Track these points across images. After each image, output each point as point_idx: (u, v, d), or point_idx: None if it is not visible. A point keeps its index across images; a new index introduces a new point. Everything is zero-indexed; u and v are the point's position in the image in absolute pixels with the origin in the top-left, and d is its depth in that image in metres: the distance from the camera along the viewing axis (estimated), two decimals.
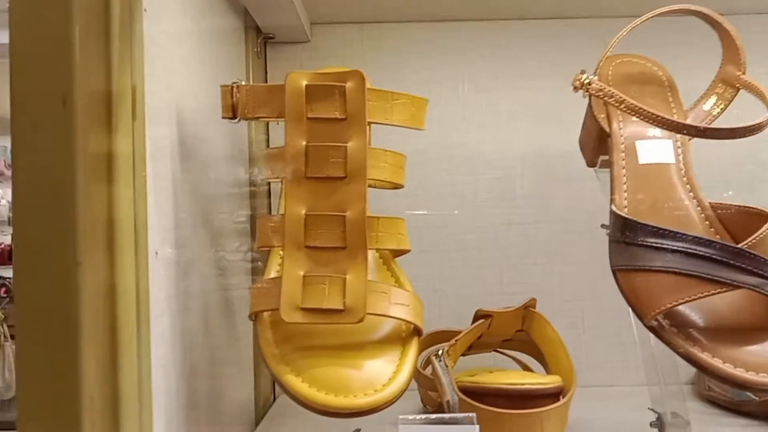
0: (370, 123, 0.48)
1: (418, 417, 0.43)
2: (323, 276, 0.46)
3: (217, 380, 0.59)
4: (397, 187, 0.53)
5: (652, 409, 0.55)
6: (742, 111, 0.57)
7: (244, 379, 0.70)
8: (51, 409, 0.32)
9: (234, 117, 0.49)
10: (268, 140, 0.78)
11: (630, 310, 0.55)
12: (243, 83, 0.49)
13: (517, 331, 0.62)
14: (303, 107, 0.47)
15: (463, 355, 0.62)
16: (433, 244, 0.80)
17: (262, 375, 0.75)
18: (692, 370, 0.75)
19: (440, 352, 0.52)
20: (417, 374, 0.55)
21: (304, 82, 0.47)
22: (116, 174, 0.39)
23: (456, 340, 0.57)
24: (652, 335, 0.55)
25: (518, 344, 0.65)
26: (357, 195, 0.47)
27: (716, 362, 0.47)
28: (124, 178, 0.40)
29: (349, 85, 0.46)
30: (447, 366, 0.51)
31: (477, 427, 0.42)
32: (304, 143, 0.47)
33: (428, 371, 0.59)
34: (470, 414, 0.43)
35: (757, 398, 0.66)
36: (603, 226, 0.56)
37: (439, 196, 0.80)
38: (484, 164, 0.81)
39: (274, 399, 0.78)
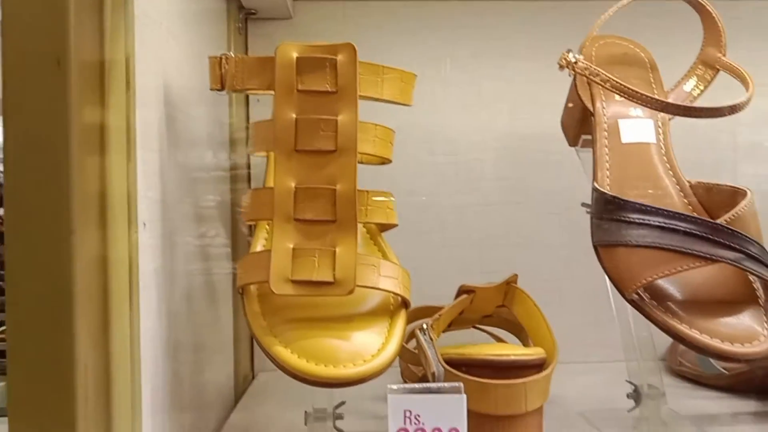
0: (360, 97, 0.48)
1: (405, 386, 0.43)
2: (313, 248, 0.46)
3: (199, 356, 0.59)
4: (384, 161, 0.53)
5: (630, 382, 0.57)
6: (717, 95, 0.59)
7: (224, 358, 0.70)
8: (44, 373, 0.32)
9: (222, 88, 0.49)
10: (248, 118, 0.77)
11: (609, 287, 0.56)
12: (232, 55, 0.48)
13: (498, 307, 0.63)
14: (293, 79, 0.46)
15: (443, 331, 0.63)
16: (413, 224, 0.80)
17: (242, 354, 0.75)
18: (664, 346, 0.78)
19: (425, 326, 0.53)
20: (401, 349, 0.55)
21: (295, 54, 0.47)
22: (109, 144, 0.39)
23: (440, 315, 0.57)
24: (630, 312, 0.57)
25: (498, 321, 0.66)
26: (347, 168, 0.47)
27: (694, 333, 0.48)
28: (117, 148, 0.40)
29: (340, 57, 0.46)
30: (432, 339, 0.52)
31: (464, 396, 0.43)
32: (294, 116, 0.47)
33: (412, 345, 0.60)
34: (457, 383, 0.44)
35: (726, 372, 0.68)
36: (584, 204, 0.57)
37: (420, 175, 0.81)
38: (465, 144, 0.81)
39: (253, 378, 0.79)
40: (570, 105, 0.63)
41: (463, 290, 0.61)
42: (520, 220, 0.81)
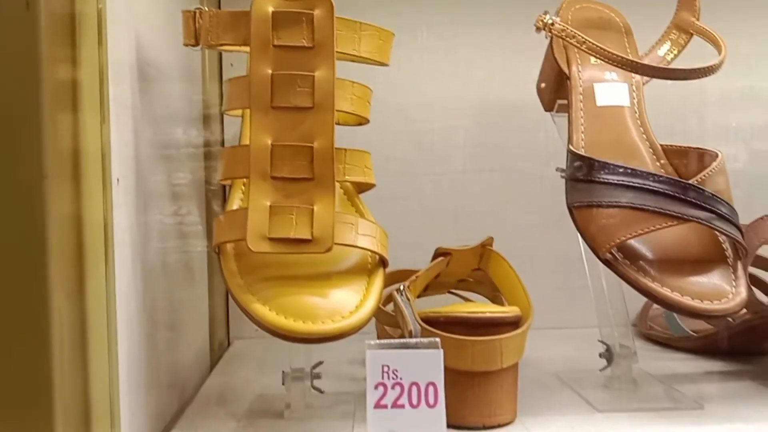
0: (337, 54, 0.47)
1: (383, 342, 0.43)
2: (290, 206, 0.46)
3: (174, 319, 0.58)
4: (362, 121, 0.53)
5: (602, 342, 0.58)
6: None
7: (199, 323, 0.69)
8: (18, 320, 0.32)
9: (196, 44, 0.48)
10: (221, 74, 0.76)
11: (582, 251, 0.57)
12: (206, 9, 0.47)
13: (474, 270, 0.63)
14: (269, 34, 0.46)
15: (418, 297, 0.64)
16: (389, 191, 0.80)
17: (217, 320, 0.75)
18: (634, 312, 0.79)
19: (401, 287, 0.53)
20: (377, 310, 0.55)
21: (271, 9, 0.46)
22: (81, 99, 0.38)
23: (416, 276, 0.58)
24: (603, 274, 0.58)
25: (473, 285, 0.66)
26: (325, 125, 0.46)
27: (665, 291, 0.49)
28: (89, 103, 0.39)
29: (317, 12, 0.46)
30: (409, 299, 0.52)
31: (441, 351, 0.43)
32: (269, 72, 0.46)
33: (389, 308, 0.60)
34: (434, 339, 0.44)
35: (694, 334, 0.70)
36: (558, 169, 0.58)
37: (397, 142, 0.81)
38: (442, 112, 0.81)
39: (229, 345, 0.78)
40: (546, 69, 0.63)
41: (439, 253, 0.62)
42: (495, 187, 0.82)
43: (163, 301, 0.54)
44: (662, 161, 0.57)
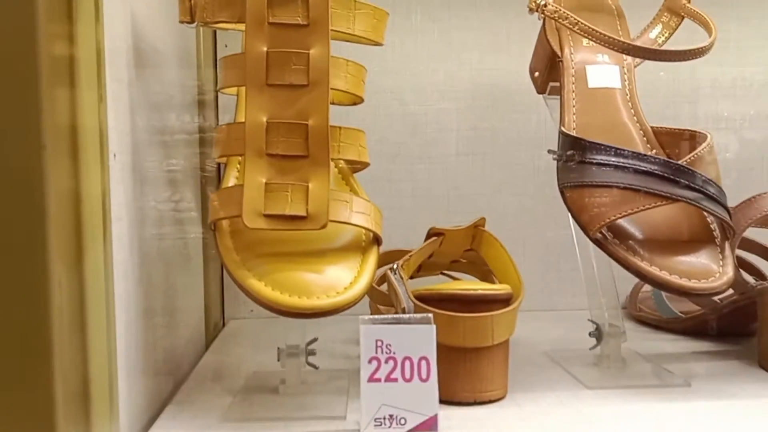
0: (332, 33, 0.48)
1: (377, 317, 0.44)
2: (285, 183, 0.46)
3: (170, 297, 0.59)
4: (356, 101, 0.53)
5: (592, 321, 0.59)
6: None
7: (194, 303, 0.70)
8: (17, 291, 0.32)
9: (192, 21, 0.48)
10: (215, 56, 0.76)
11: (573, 231, 0.58)
12: None
13: (466, 251, 0.64)
14: (264, 11, 0.46)
15: (411, 277, 0.64)
16: (382, 173, 0.81)
17: (212, 301, 0.75)
18: (623, 295, 0.80)
19: (395, 266, 0.54)
20: (370, 289, 0.56)
21: None
22: (79, 76, 0.38)
23: (410, 256, 0.58)
24: (593, 254, 0.59)
25: (465, 266, 0.67)
26: (319, 103, 0.47)
27: (654, 270, 0.50)
28: (87, 81, 0.39)
29: None
30: (402, 277, 0.53)
31: (434, 326, 0.44)
32: (265, 49, 0.46)
33: (383, 288, 0.60)
34: (427, 314, 0.45)
35: (682, 315, 0.71)
36: (550, 151, 0.58)
37: (390, 125, 0.81)
38: (435, 94, 0.82)
39: (224, 325, 0.79)
40: (539, 51, 0.63)
41: (432, 233, 0.62)
42: (487, 170, 0.82)
43: (159, 280, 0.55)
44: (652, 143, 0.57)
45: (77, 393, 0.37)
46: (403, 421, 0.42)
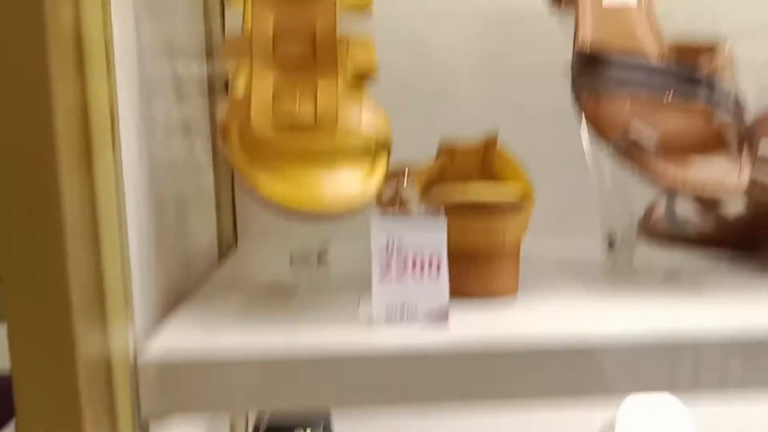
0: None
1: (388, 216, 0.44)
2: (294, 90, 0.46)
3: (182, 216, 0.59)
4: (365, 11, 0.52)
5: (604, 232, 0.59)
6: None
7: (206, 220, 0.70)
8: (29, 204, 0.33)
9: None
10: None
11: (587, 151, 0.57)
12: None
13: (479, 168, 0.64)
14: None
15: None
16: (392, 100, 0.79)
17: (224, 222, 0.76)
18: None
19: (405, 171, 0.54)
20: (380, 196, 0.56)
21: None
22: None
23: (421, 168, 0.58)
24: (609, 174, 0.58)
25: None
26: (327, 9, 0.46)
27: (672, 170, 0.50)
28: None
29: None
30: (413, 183, 0.53)
31: (444, 223, 0.44)
32: None
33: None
34: (438, 213, 0.45)
35: (695, 231, 0.70)
36: (565, 71, 0.57)
37: (399, 49, 0.80)
38: (447, 19, 0.80)
39: (236, 238, 0.79)
40: None
41: (444, 149, 0.62)
42: (500, 93, 0.81)
43: (171, 198, 0.55)
44: (669, 57, 0.56)
45: (92, 294, 0.38)
46: (414, 313, 0.42)
